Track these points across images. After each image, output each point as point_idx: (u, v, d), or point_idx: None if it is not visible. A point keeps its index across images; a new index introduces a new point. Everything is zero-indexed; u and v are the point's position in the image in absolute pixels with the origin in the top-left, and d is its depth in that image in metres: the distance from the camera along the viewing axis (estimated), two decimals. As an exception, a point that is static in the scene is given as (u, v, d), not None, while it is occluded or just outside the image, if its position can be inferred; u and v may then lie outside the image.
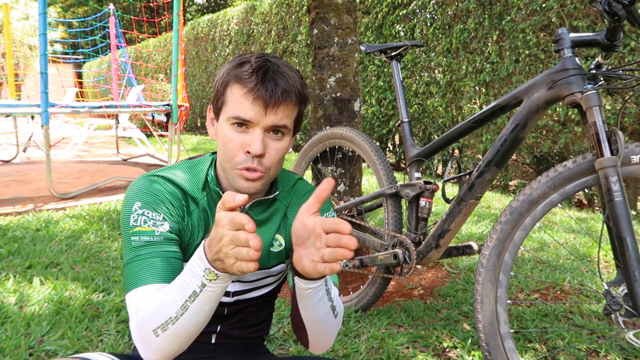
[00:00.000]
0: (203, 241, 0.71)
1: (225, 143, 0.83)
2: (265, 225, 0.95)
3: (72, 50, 10.68)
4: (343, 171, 2.00)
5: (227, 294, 0.95)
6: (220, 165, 0.88)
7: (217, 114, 0.87)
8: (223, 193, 0.89)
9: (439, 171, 5.20)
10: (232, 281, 0.95)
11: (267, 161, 0.83)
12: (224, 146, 0.84)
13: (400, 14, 5.14)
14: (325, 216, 0.97)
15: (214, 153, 0.94)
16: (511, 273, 1.21)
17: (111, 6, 8.46)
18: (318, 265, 0.69)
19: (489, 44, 4.25)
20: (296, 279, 0.78)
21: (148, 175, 0.88)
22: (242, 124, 0.82)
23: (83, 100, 10.61)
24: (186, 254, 0.88)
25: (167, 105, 4.67)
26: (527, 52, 3.86)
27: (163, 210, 0.84)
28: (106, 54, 11.29)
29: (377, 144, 3.36)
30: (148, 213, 0.83)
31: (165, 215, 0.84)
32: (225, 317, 0.98)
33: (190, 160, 0.94)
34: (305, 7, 6.53)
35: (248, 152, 0.81)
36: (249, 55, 0.84)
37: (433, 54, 4.88)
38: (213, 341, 0.99)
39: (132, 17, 7.85)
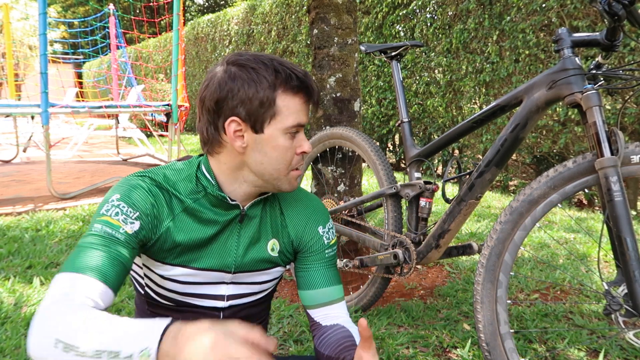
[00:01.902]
0: (167, 325, 0.60)
1: (283, 152, 0.85)
2: (265, 229, 0.95)
3: (72, 50, 10.68)
4: (343, 171, 2.00)
5: (221, 297, 0.93)
6: (266, 176, 0.86)
7: (260, 126, 0.83)
8: (228, 199, 0.88)
9: (439, 171, 5.20)
10: (226, 282, 0.94)
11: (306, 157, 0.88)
12: (282, 155, 0.85)
13: (400, 14, 5.14)
14: (327, 229, 0.99)
15: (201, 156, 0.92)
16: (511, 273, 1.21)
17: (111, 6, 8.46)
18: None
19: (489, 44, 4.25)
20: None
21: (137, 174, 0.87)
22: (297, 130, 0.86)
23: (83, 100, 10.61)
24: (159, 254, 0.87)
25: (167, 105, 4.67)
26: (527, 52, 3.86)
27: (141, 209, 0.81)
28: (106, 54, 11.30)
29: (377, 144, 3.36)
30: (123, 207, 0.80)
31: (142, 214, 0.81)
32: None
33: (177, 163, 0.92)
34: (305, 7, 6.53)
35: (302, 153, 0.87)
36: (272, 61, 0.83)
37: (433, 54, 4.88)
38: None
39: (132, 17, 7.85)
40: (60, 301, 0.67)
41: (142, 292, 0.95)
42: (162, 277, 0.90)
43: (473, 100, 4.59)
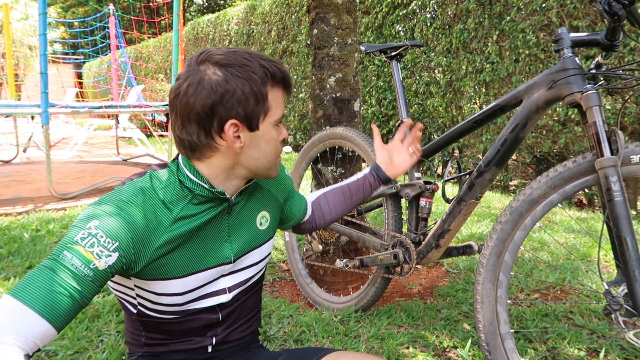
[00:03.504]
0: None
1: (275, 144, 0.89)
2: (251, 208, 0.97)
3: (72, 50, 10.68)
4: (343, 171, 2.00)
5: (223, 291, 0.94)
6: (260, 168, 0.88)
7: (256, 124, 0.83)
8: (225, 194, 0.87)
9: (439, 171, 5.20)
10: (224, 275, 0.93)
11: None
12: (274, 147, 0.89)
13: (400, 14, 5.14)
14: (285, 168, 1.10)
15: (174, 160, 0.89)
16: (511, 273, 1.21)
17: (111, 6, 8.47)
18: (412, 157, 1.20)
19: (489, 44, 4.25)
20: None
21: (118, 195, 0.80)
22: None
23: (83, 101, 10.62)
24: (153, 274, 0.83)
25: (167, 105, 4.67)
26: (527, 52, 3.86)
27: (121, 238, 0.75)
28: (106, 54, 11.31)
29: (377, 144, 3.35)
30: (101, 237, 0.73)
31: (122, 244, 0.75)
32: (220, 323, 0.96)
33: (158, 172, 0.86)
34: (305, 7, 6.53)
35: (283, 139, 0.91)
36: (252, 55, 0.83)
37: (433, 54, 4.88)
38: (210, 350, 0.97)
39: (132, 17, 7.85)
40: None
41: (135, 312, 0.90)
42: (158, 294, 0.86)
43: (473, 100, 4.59)
